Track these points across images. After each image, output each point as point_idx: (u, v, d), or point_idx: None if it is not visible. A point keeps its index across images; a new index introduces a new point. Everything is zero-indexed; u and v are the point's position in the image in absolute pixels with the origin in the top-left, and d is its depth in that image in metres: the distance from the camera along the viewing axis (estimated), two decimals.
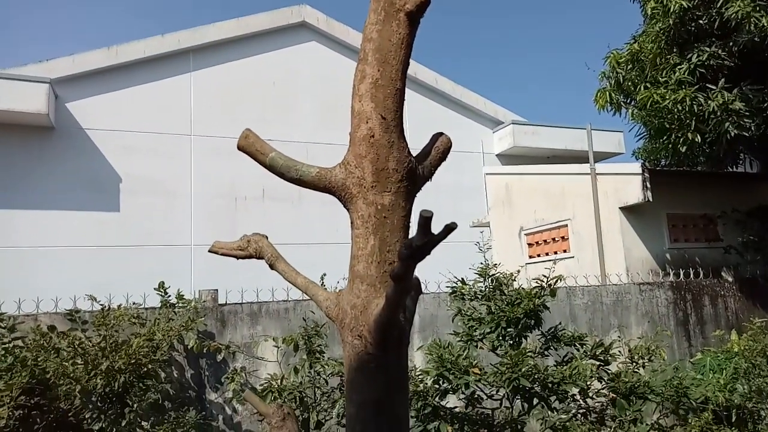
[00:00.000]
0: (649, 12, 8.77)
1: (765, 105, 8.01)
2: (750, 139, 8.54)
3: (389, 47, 1.52)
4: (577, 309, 7.33)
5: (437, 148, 1.65)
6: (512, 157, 14.29)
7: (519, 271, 5.52)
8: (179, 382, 5.65)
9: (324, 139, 12.21)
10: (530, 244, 10.46)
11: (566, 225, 9.70)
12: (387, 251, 1.48)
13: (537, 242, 10.31)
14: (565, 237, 9.71)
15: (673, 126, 8.37)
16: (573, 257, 9.45)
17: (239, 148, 1.64)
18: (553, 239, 9.97)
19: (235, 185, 11.88)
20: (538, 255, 10.23)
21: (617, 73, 9.34)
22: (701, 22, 8.18)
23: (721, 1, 7.76)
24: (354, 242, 1.53)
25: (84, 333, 5.11)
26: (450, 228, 1.16)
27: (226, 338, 5.89)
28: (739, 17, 7.60)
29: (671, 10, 8.19)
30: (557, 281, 5.06)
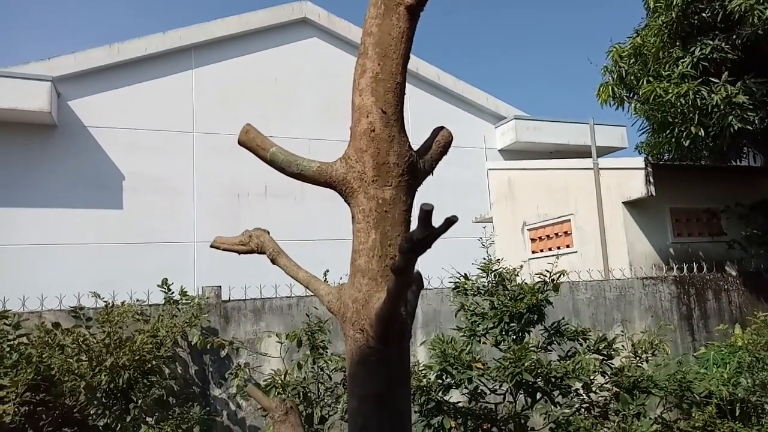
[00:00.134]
0: (652, 5, 8.73)
1: None
2: (754, 133, 8.50)
3: (389, 41, 1.52)
4: (580, 304, 7.32)
5: (438, 142, 1.64)
6: (515, 153, 14.26)
7: (522, 267, 5.52)
8: (183, 378, 5.67)
9: (326, 136, 12.20)
10: (533, 240, 10.45)
11: (569, 220, 9.68)
12: (388, 245, 1.49)
13: (540, 237, 10.30)
14: (568, 232, 9.69)
15: (676, 120, 8.33)
16: (576, 252, 9.44)
17: (240, 144, 1.65)
18: (556, 234, 9.95)
19: (238, 182, 11.90)
20: (541, 250, 10.22)
21: (620, 67, 9.30)
22: (704, 15, 8.13)
23: None
24: (355, 236, 1.53)
25: (88, 330, 5.14)
26: (450, 221, 1.16)
27: (230, 334, 5.91)
28: (743, 10, 7.55)
29: (674, 3, 8.15)
30: (560, 276, 5.06)
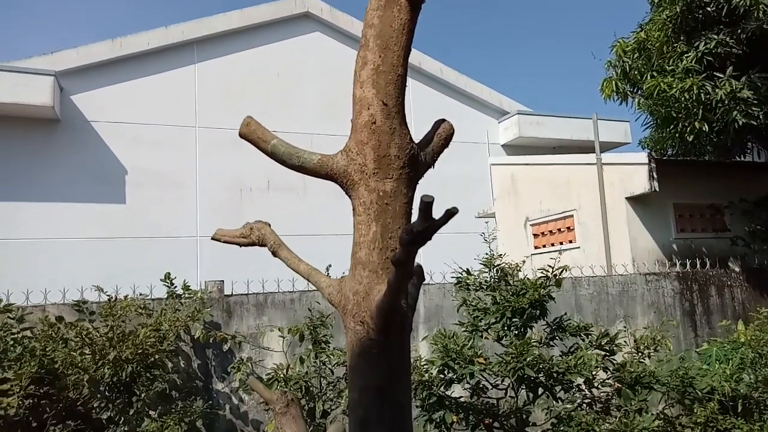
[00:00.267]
0: (656, 0, 8.68)
1: None
2: (758, 128, 8.46)
3: (390, 33, 1.51)
4: (583, 299, 7.31)
5: (439, 135, 1.64)
6: (518, 148, 14.22)
7: (524, 262, 5.51)
8: (186, 372, 5.69)
9: (328, 131, 12.19)
10: (536, 235, 10.44)
11: (572, 215, 9.66)
12: (389, 238, 1.48)
13: (542, 233, 10.29)
14: (571, 227, 9.68)
15: (680, 115, 8.30)
16: (579, 248, 9.42)
17: (241, 136, 1.64)
18: (559, 230, 9.94)
19: (241, 177, 11.90)
20: (544, 245, 10.21)
21: (624, 62, 9.26)
22: (709, 10, 8.08)
23: None
24: (356, 229, 1.53)
25: (91, 323, 5.16)
26: (451, 213, 1.15)
27: (233, 329, 5.93)
28: (748, 4, 7.50)
29: None
30: (562, 271, 5.05)
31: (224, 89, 12.09)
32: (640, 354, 5.30)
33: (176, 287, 5.81)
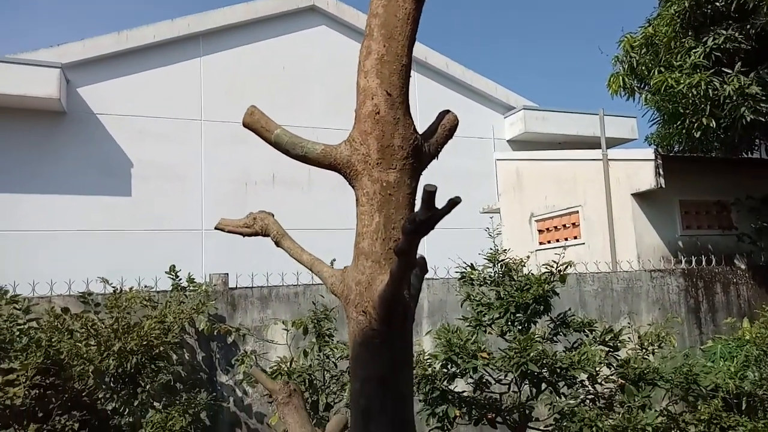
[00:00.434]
0: None
1: None
2: (766, 125, 8.39)
3: (395, 23, 1.50)
4: (587, 295, 7.30)
5: (443, 126, 1.63)
6: (523, 143, 14.17)
7: (529, 257, 5.49)
8: (191, 364, 5.72)
9: (334, 125, 12.17)
10: (540, 231, 10.40)
11: (577, 211, 9.63)
12: (392, 228, 1.48)
13: (547, 228, 10.26)
14: (576, 223, 9.65)
15: (688, 111, 8.24)
16: (584, 244, 9.39)
17: (244, 125, 1.64)
18: (564, 225, 9.90)
19: (246, 170, 11.92)
20: (549, 241, 10.18)
21: (631, 58, 9.19)
22: (717, 5, 8.01)
23: None
24: (359, 219, 1.52)
25: (97, 315, 5.19)
26: (454, 202, 1.15)
27: (237, 321, 5.95)
28: None
29: None
30: (567, 267, 5.03)
31: (230, 82, 12.09)
32: (644, 350, 5.28)
33: (181, 280, 5.83)
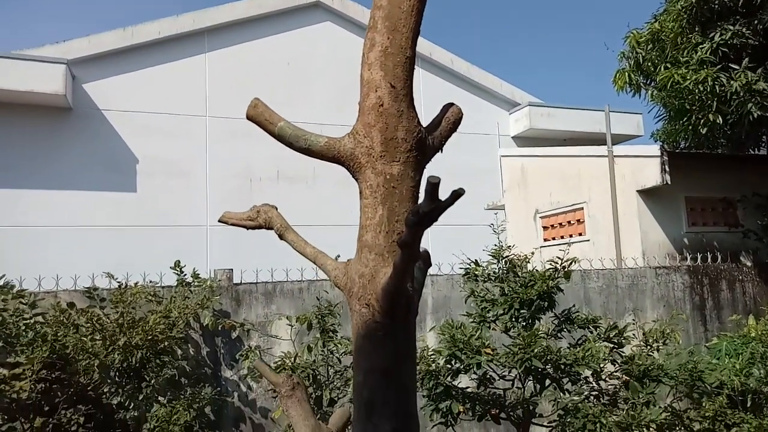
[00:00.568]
0: None
1: None
2: None
3: (399, 14, 1.50)
4: (592, 292, 7.28)
5: (448, 119, 1.62)
6: (528, 140, 14.13)
7: (533, 254, 5.48)
8: (195, 359, 5.74)
9: (339, 121, 12.11)
10: (545, 227, 10.38)
11: (582, 208, 9.60)
12: (395, 221, 1.48)
13: (552, 225, 10.23)
14: (581, 220, 9.62)
15: (694, 107, 8.20)
16: (588, 240, 9.36)
17: (248, 117, 1.64)
18: (569, 222, 9.87)
19: (250, 166, 11.93)
20: (553, 238, 10.15)
21: (637, 53, 9.15)
22: (725, 0, 7.95)
23: None
24: (362, 212, 1.52)
25: (102, 310, 5.22)
26: (457, 194, 1.14)
27: (241, 317, 5.97)
28: None
29: None
30: (571, 264, 5.02)
31: (234, 78, 12.10)
32: (649, 347, 5.26)
33: (186, 275, 5.85)
